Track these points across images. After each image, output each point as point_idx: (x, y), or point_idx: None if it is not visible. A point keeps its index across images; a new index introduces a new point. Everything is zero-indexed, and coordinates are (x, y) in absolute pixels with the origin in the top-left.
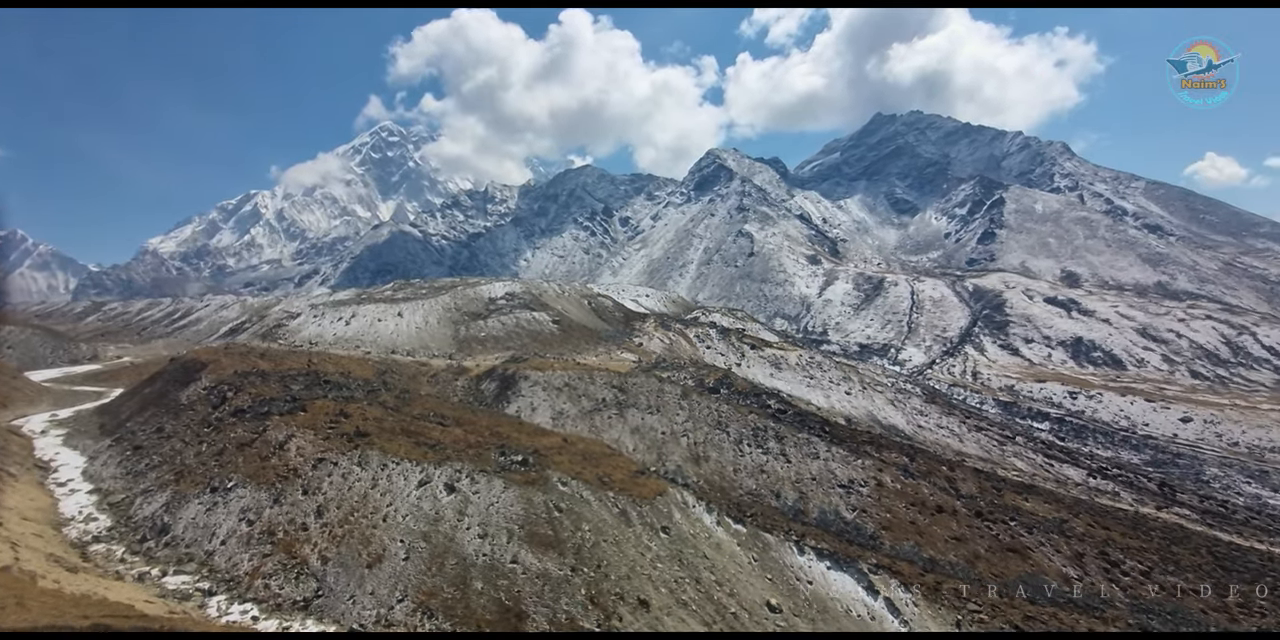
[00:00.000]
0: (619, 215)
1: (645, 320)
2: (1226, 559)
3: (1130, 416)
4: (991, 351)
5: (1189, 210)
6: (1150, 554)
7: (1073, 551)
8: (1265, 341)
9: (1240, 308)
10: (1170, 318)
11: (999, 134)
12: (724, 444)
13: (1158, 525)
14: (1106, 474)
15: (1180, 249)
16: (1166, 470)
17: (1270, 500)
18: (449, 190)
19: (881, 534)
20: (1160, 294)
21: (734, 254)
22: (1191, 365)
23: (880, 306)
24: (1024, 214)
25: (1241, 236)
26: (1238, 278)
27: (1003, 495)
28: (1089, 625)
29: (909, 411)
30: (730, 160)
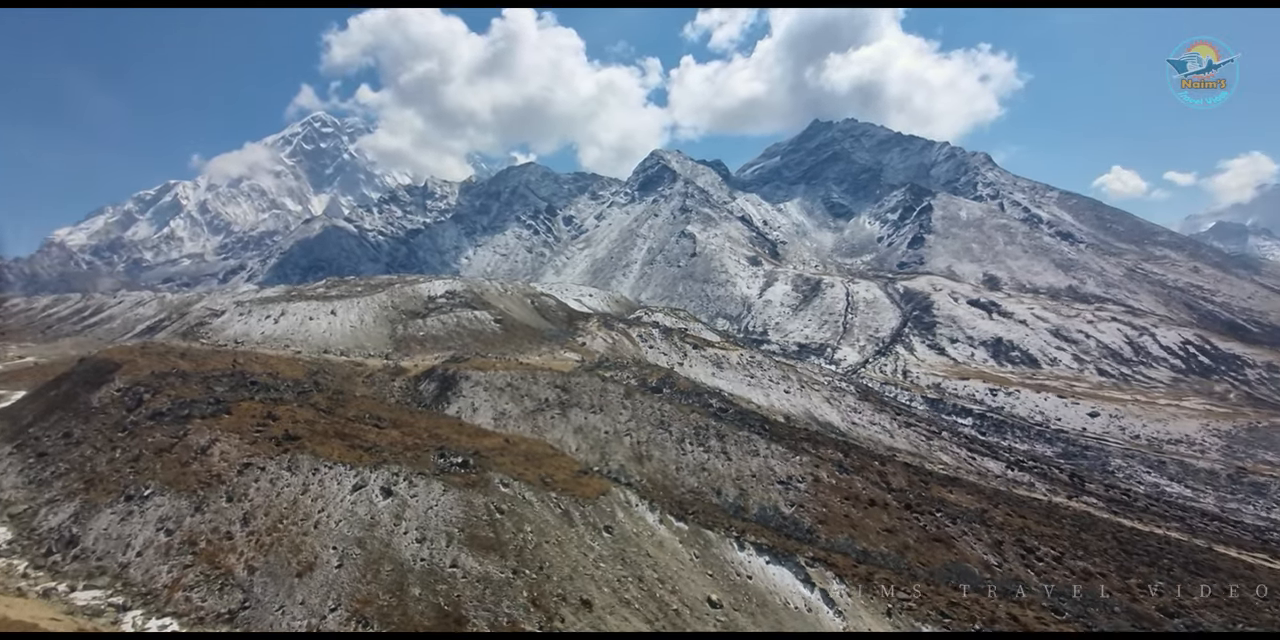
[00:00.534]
0: (563, 214)
1: (589, 320)
2: (1129, 543)
3: (1044, 412)
4: (920, 351)
5: (1097, 219)
6: (1062, 540)
7: (993, 540)
8: (1163, 342)
9: (1141, 311)
10: (1080, 320)
11: (928, 144)
12: (666, 443)
13: (1068, 513)
14: (1023, 466)
15: (1089, 255)
16: (1076, 462)
17: (1167, 488)
18: (386, 184)
19: (818, 528)
20: (1071, 297)
21: (677, 254)
22: (1099, 364)
23: (818, 307)
24: (950, 220)
25: (1143, 244)
26: (1139, 282)
27: (930, 488)
28: (1007, 608)
29: (844, 409)
30: (674, 162)
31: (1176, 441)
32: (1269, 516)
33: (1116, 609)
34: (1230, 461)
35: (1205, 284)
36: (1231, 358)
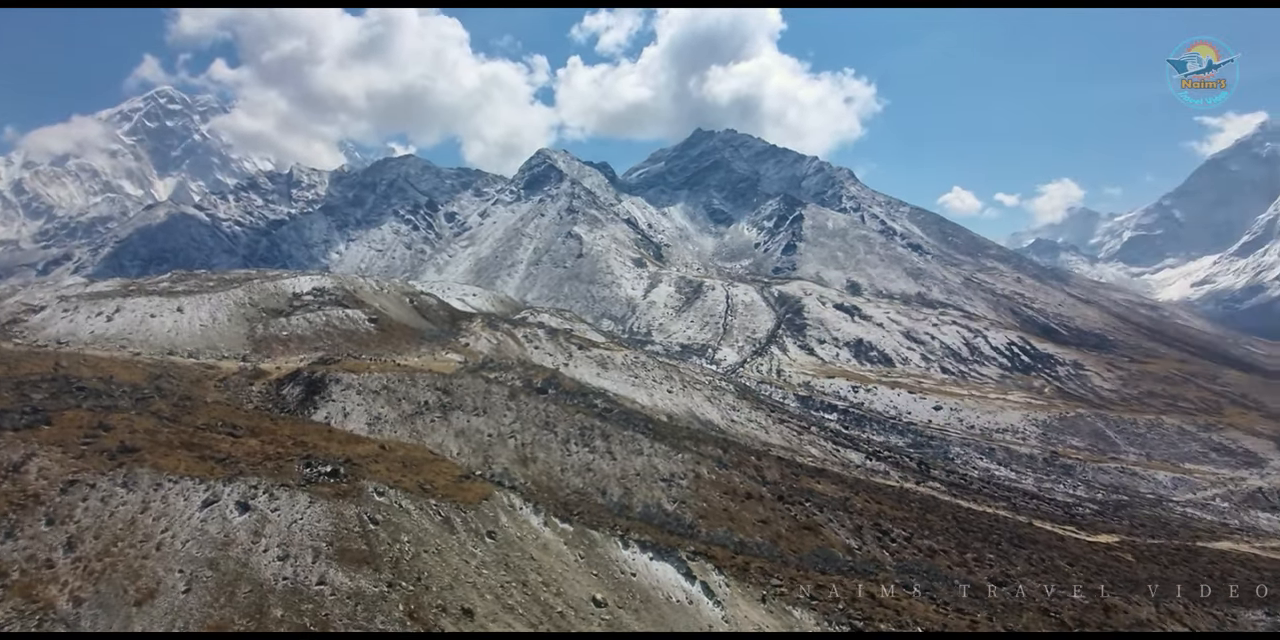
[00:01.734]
0: (445, 210)
1: (472, 320)
2: (966, 522)
3: (897, 406)
4: (793, 351)
5: (941, 233)
6: (911, 522)
7: (854, 525)
8: (993, 343)
9: (976, 315)
10: (927, 323)
11: (800, 157)
12: (552, 444)
13: (916, 497)
14: (880, 456)
15: (934, 265)
16: (923, 450)
17: (996, 472)
18: (245, 170)
19: (699, 523)
20: (920, 303)
21: (563, 255)
22: (942, 363)
23: (699, 309)
24: (819, 230)
25: (978, 257)
26: (974, 290)
27: (800, 480)
28: (866, 588)
29: (723, 407)
30: (561, 161)
31: (1003, 430)
32: (1075, 493)
33: (956, 581)
34: (1046, 447)
35: (1026, 293)
36: (1047, 357)
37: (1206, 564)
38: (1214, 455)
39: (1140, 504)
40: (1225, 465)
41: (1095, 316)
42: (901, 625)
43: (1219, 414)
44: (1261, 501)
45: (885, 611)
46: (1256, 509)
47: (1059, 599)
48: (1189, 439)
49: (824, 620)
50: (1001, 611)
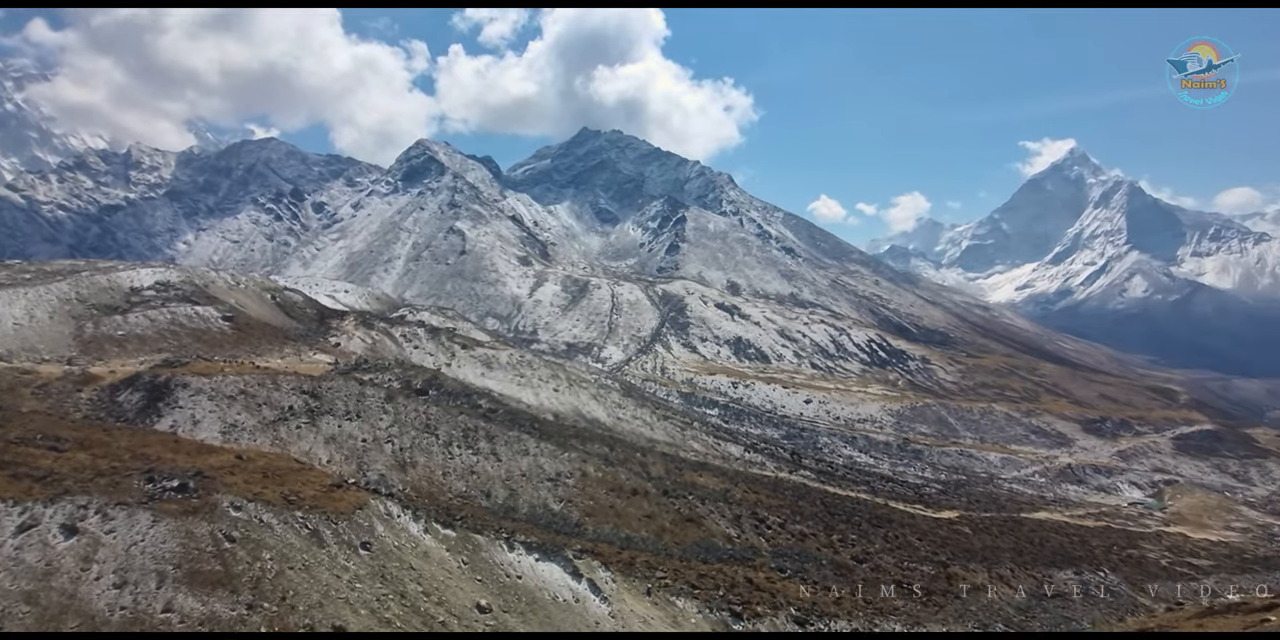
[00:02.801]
0: (312, 200)
1: (344, 318)
2: (832, 506)
3: (773, 400)
4: (676, 349)
5: (810, 238)
6: (784, 509)
7: (733, 515)
8: (855, 340)
9: (842, 315)
10: (799, 322)
11: (683, 161)
12: (433, 448)
13: (789, 485)
14: (757, 448)
15: (805, 268)
16: (795, 441)
17: (858, 458)
18: (72, 147)
19: (585, 520)
20: (793, 303)
21: (445, 251)
22: (811, 359)
23: (586, 308)
24: (701, 231)
25: (843, 261)
26: (840, 292)
27: (683, 474)
28: (745, 573)
29: (609, 405)
30: (442, 154)
31: (864, 421)
32: (923, 475)
33: (824, 562)
34: (899, 434)
35: (883, 294)
36: (900, 353)
37: (1028, 532)
38: (1033, 437)
39: (976, 482)
40: (1042, 445)
41: (940, 316)
42: (776, 605)
43: (1037, 401)
44: (1070, 476)
45: (761, 594)
46: (1066, 482)
47: (910, 570)
48: (1014, 424)
49: (705, 608)
50: (863, 586)
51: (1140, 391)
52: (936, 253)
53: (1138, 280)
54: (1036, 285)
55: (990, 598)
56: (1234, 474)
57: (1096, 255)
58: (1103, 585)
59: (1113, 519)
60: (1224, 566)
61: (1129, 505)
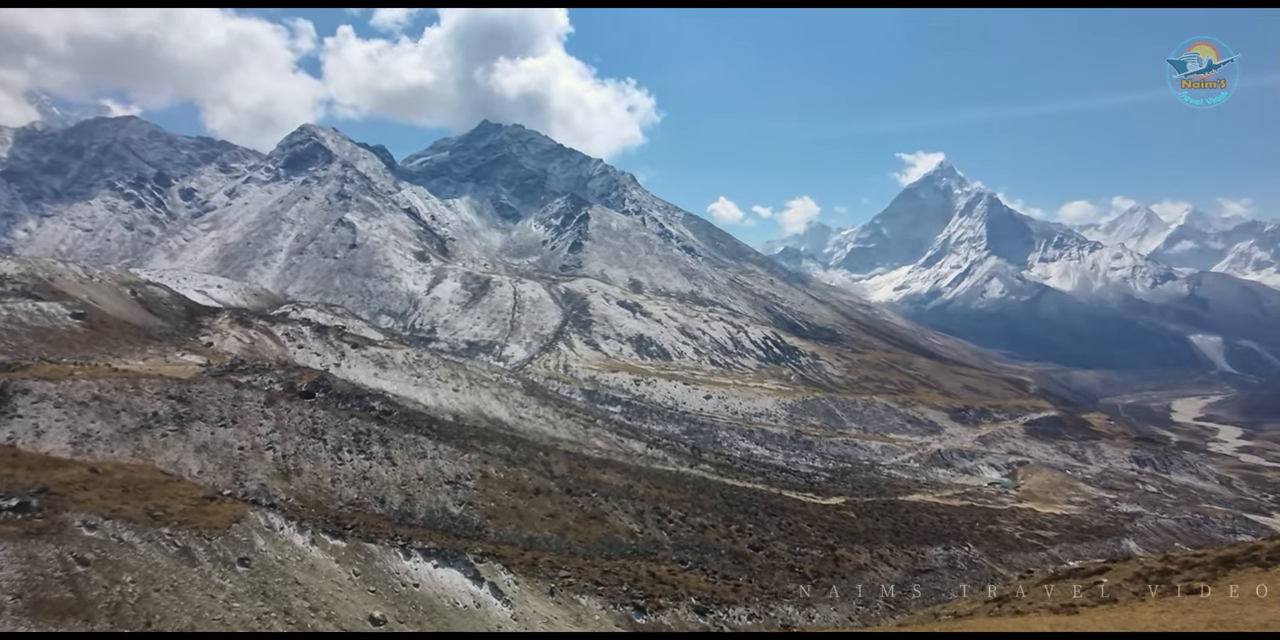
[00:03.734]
0: (180, 186)
1: (218, 316)
2: (731, 498)
3: (674, 397)
4: (579, 347)
5: (710, 238)
6: (686, 502)
7: (636, 510)
8: (752, 337)
9: (740, 313)
10: (699, 319)
11: (586, 159)
12: (320, 453)
13: (690, 479)
14: (659, 444)
15: (705, 267)
16: (696, 436)
17: (754, 451)
18: None
19: (487, 523)
20: (693, 301)
21: (333, 244)
22: (711, 356)
23: (487, 305)
24: (604, 230)
25: (740, 261)
26: (738, 290)
27: (587, 471)
28: (648, 568)
29: (511, 404)
30: (330, 140)
31: (760, 414)
32: (814, 465)
33: (723, 552)
34: (792, 427)
35: (777, 293)
36: (793, 349)
37: (905, 514)
38: (909, 426)
39: (860, 469)
40: (916, 433)
41: (828, 315)
42: (678, 597)
43: (912, 393)
44: (940, 460)
45: (664, 586)
46: (937, 466)
47: (802, 555)
48: (892, 414)
49: (609, 604)
50: (759, 572)
51: (998, 382)
52: (825, 254)
53: (995, 282)
54: (911, 286)
55: (872, 576)
56: (1073, 454)
57: (961, 259)
58: (967, 559)
59: (975, 498)
60: (1066, 536)
61: (988, 485)
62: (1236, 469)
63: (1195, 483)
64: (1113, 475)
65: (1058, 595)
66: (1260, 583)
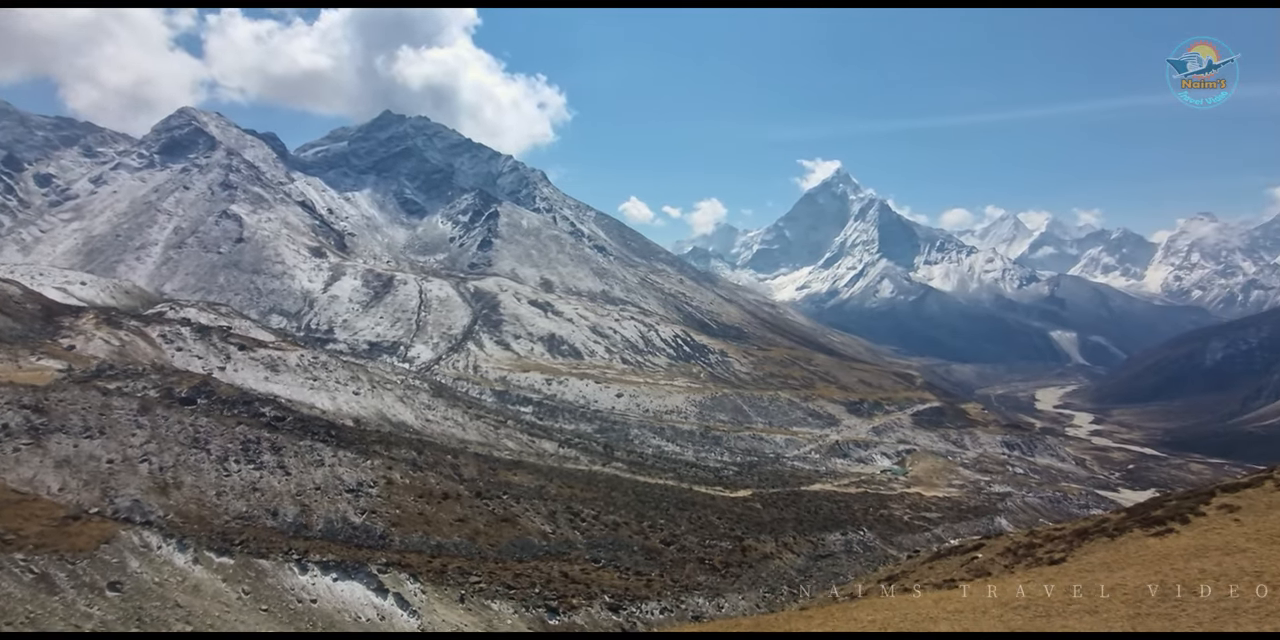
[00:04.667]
0: (35, 170)
1: (81, 315)
2: (643, 494)
3: (586, 396)
4: (489, 347)
5: (621, 237)
6: (598, 501)
7: (549, 511)
8: (663, 336)
9: (651, 312)
10: (610, 318)
11: (495, 154)
12: (203, 465)
13: (603, 478)
14: (571, 443)
15: (616, 266)
16: (608, 435)
17: (665, 447)
18: None
19: (392, 531)
20: (604, 300)
21: (217, 238)
22: (622, 354)
23: (390, 304)
24: (514, 227)
25: (650, 260)
26: (649, 289)
27: (497, 473)
28: (560, 568)
29: (418, 407)
30: (213, 125)
31: (671, 412)
32: (722, 459)
33: (635, 548)
34: (701, 423)
35: (687, 292)
36: (702, 347)
37: (806, 502)
38: (810, 419)
39: (765, 462)
40: (817, 426)
41: (735, 313)
42: (591, 596)
43: (813, 388)
44: (838, 451)
45: (577, 586)
46: (835, 457)
47: (711, 547)
48: (795, 408)
49: (521, 607)
50: (671, 566)
51: (889, 376)
52: (732, 255)
53: (886, 283)
54: (812, 286)
55: (777, 564)
56: (954, 441)
57: (857, 261)
58: (862, 542)
59: (869, 485)
60: (948, 517)
61: (881, 473)
62: (1089, 450)
63: (1056, 464)
64: (987, 459)
65: (940, 572)
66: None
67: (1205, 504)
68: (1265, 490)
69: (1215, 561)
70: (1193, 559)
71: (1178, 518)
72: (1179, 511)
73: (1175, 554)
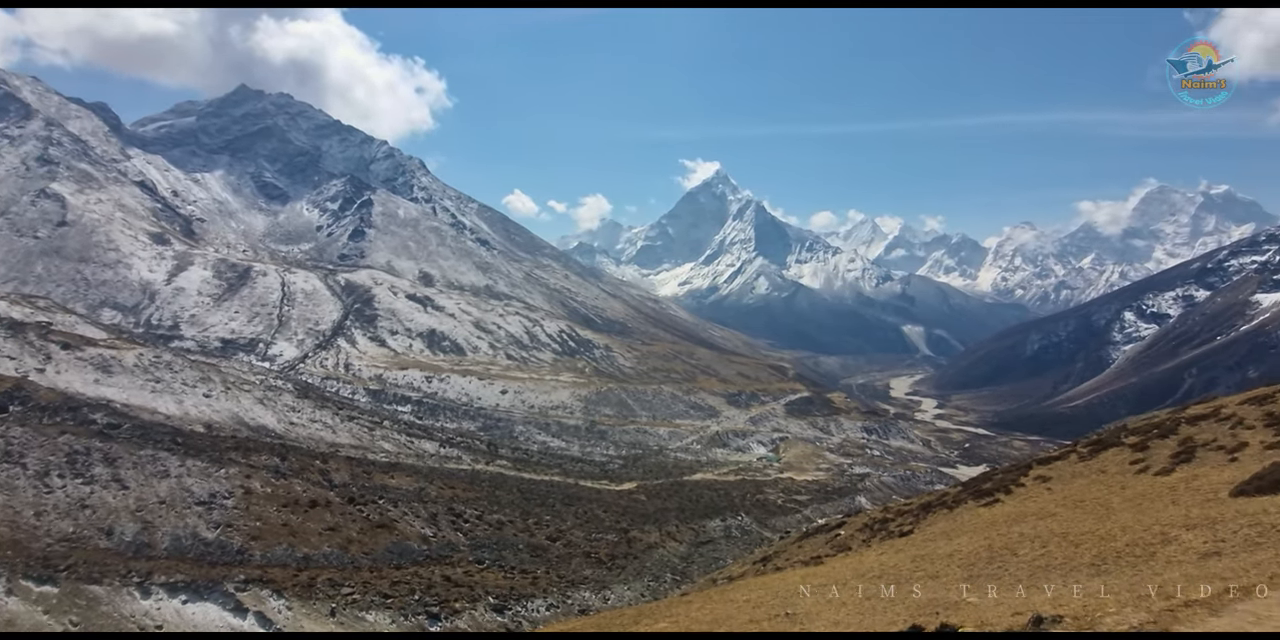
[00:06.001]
0: None
1: None
2: (528, 492)
3: (469, 393)
4: (362, 344)
5: (505, 231)
6: (482, 500)
7: (429, 513)
8: (548, 331)
9: (535, 306)
10: (494, 313)
11: (369, 139)
12: (18, 481)
13: (487, 476)
14: (453, 443)
15: (500, 260)
16: (492, 432)
17: (551, 443)
18: None
19: (251, 545)
20: (488, 295)
21: (33, 221)
22: (507, 350)
23: (248, 298)
24: (390, 217)
25: (536, 255)
26: (534, 284)
27: (372, 477)
28: (442, 572)
29: (280, 409)
30: (27, 91)
31: (556, 407)
32: (608, 453)
33: (520, 546)
34: (587, 418)
35: (572, 288)
36: (587, 342)
37: (689, 492)
38: (692, 411)
39: (650, 454)
40: (698, 418)
41: (620, 308)
42: (475, 598)
43: (694, 381)
44: (718, 441)
45: (460, 589)
46: (716, 447)
47: (597, 540)
48: (678, 401)
49: (400, 615)
50: (557, 562)
51: (764, 369)
52: (617, 251)
53: (762, 280)
54: (694, 282)
55: (661, 553)
56: (821, 428)
57: (735, 259)
58: (740, 527)
59: (746, 472)
60: (816, 498)
61: (757, 460)
62: (934, 432)
63: (907, 445)
64: (849, 444)
65: (808, 549)
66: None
67: (1024, 476)
68: (1070, 462)
69: (1031, 525)
70: (1014, 524)
71: (1003, 489)
72: (1004, 484)
73: (1000, 521)
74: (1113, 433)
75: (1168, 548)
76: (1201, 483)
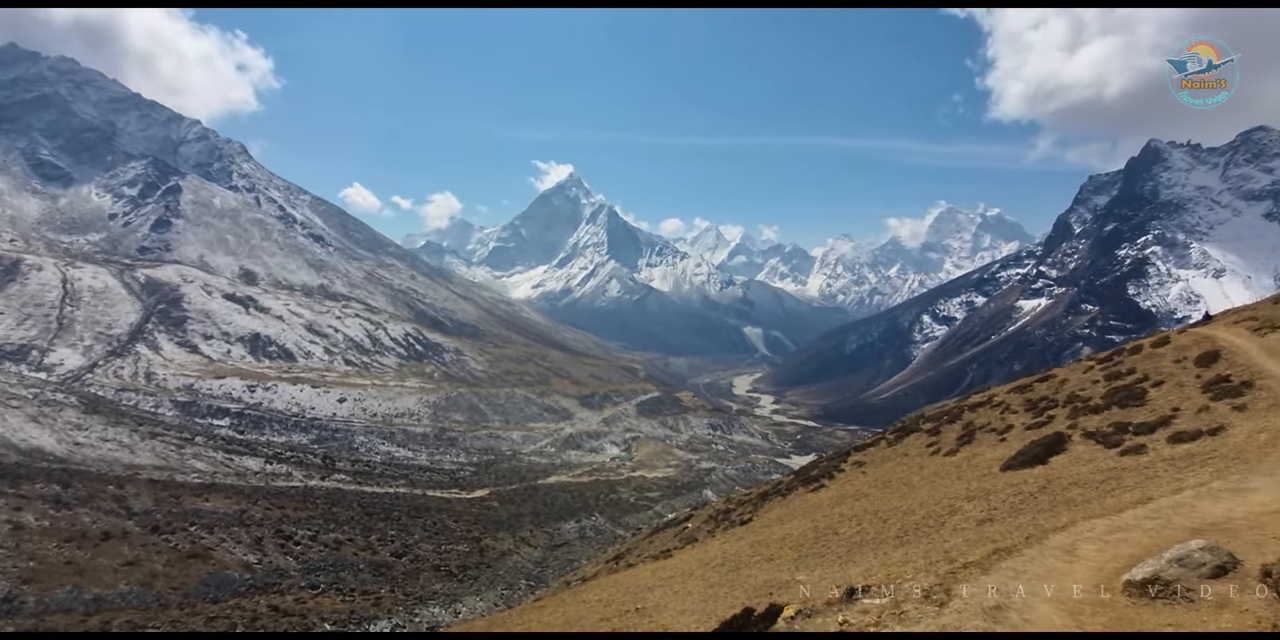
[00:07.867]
0: None
1: None
2: (370, 506)
3: (300, 403)
4: (168, 350)
5: (343, 227)
6: (317, 519)
7: (253, 538)
8: (392, 334)
9: (378, 308)
10: (330, 315)
11: (177, 117)
12: None
13: (322, 493)
14: (281, 458)
15: (337, 258)
16: (328, 445)
17: (396, 453)
18: None
19: (23, 590)
20: (323, 295)
21: None
22: (345, 355)
23: (17, 297)
24: (203, 207)
25: (378, 253)
26: (376, 285)
27: (181, 501)
28: (268, 602)
29: (61, 427)
30: None
31: (402, 414)
32: (458, 460)
33: (361, 566)
34: (436, 424)
35: (419, 288)
36: (436, 345)
37: (543, 496)
38: (546, 414)
39: (503, 460)
40: (552, 420)
41: (471, 310)
42: (307, 626)
43: (548, 384)
44: (572, 443)
45: (289, 619)
46: (570, 449)
47: (448, 552)
48: (531, 404)
49: None
50: (403, 579)
51: (617, 370)
52: (468, 251)
53: (615, 283)
54: (547, 284)
55: (515, 559)
56: (670, 426)
57: (588, 262)
58: (594, 527)
59: (600, 473)
60: (666, 494)
61: (611, 460)
62: (771, 426)
63: (748, 439)
64: (697, 440)
65: (659, 544)
66: (782, 507)
67: (844, 462)
68: (880, 448)
69: (849, 506)
70: (835, 506)
71: (826, 475)
72: (827, 470)
73: (824, 504)
74: (913, 420)
75: (954, 517)
76: (979, 460)
